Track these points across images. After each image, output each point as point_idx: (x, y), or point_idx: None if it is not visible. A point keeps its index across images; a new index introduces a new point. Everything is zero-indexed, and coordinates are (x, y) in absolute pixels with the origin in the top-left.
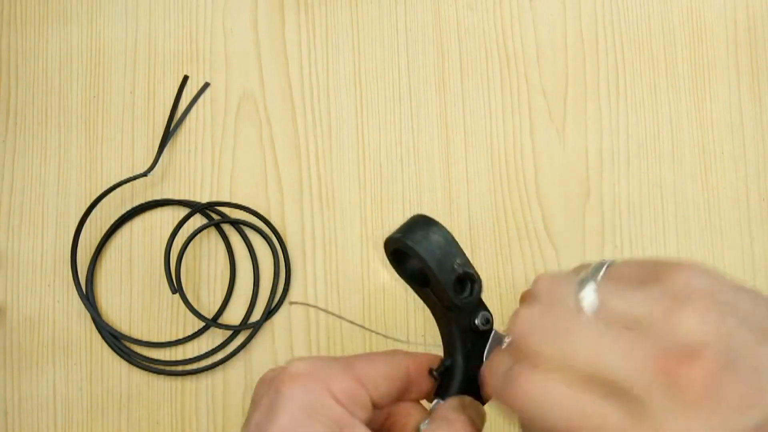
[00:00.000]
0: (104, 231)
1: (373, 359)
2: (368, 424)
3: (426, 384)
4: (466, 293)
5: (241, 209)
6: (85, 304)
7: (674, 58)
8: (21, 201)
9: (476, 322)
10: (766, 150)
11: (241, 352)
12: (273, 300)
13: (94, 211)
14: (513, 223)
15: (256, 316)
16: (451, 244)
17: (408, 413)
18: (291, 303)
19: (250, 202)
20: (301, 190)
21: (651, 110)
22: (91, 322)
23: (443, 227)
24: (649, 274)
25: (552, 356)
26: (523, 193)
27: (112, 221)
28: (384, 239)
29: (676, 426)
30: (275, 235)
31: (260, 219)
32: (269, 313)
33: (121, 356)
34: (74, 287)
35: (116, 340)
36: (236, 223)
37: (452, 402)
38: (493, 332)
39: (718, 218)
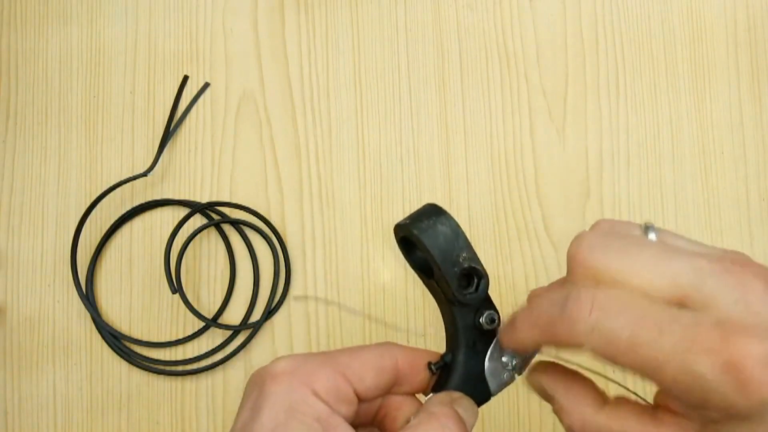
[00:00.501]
0: (104, 231)
1: (358, 352)
2: (355, 416)
3: (420, 377)
4: (471, 289)
5: (241, 209)
6: (85, 304)
7: (674, 58)
8: (21, 201)
9: (481, 320)
10: (766, 150)
11: (241, 352)
12: (273, 300)
13: (94, 211)
14: (513, 223)
15: (256, 316)
16: (458, 236)
17: (400, 407)
18: (295, 297)
19: (250, 202)
20: (301, 190)
21: (651, 110)
22: (91, 322)
23: (452, 218)
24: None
25: (618, 272)
26: (523, 193)
27: (112, 221)
28: (394, 225)
29: (745, 314)
30: (275, 235)
31: (260, 219)
32: (269, 313)
33: (121, 356)
34: (74, 287)
35: (116, 340)
36: (236, 223)
37: (440, 396)
38: (498, 333)
39: (718, 218)
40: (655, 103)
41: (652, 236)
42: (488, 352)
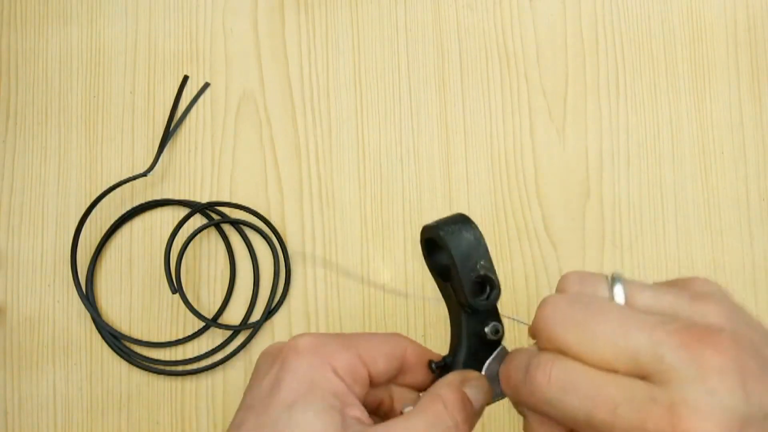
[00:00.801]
0: (104, 231)
1: (374, 337)
2: (363, 400)
3: (421, 374)
4: (483, 297)
5: (241, 209)
6: (85, 304)
7: (674, 58)
8: (21, 201)
9: (486, 329)
10: (766, 150)
11: (241, 352)
12: (273, 300)
13: (94, 211)
14: (513, 223)
15: (256, 316)
16: (480, 245)
17: (400, 398)
18: (293, 255)
19: (250, 202)
20: (301, 190)
21: (651, 110)
22: (91, 322)
23: (477, 229)
24: (666, 283)
25: (578, 341)
26: (523, 193)
27: (112, 221)
28: (421, 227)
29: (699, 394)
30: (275, 235)
31: (260, 219)
32: (269, 313)
33: (121, 356)
34: (74, 287)
35: (116, 340)
36: (236, 223)
37: (450, 377)
38: (500, 347)
39: (718, 218)
40: (655, 103)
41: (618, 295)
42: (487, 362)
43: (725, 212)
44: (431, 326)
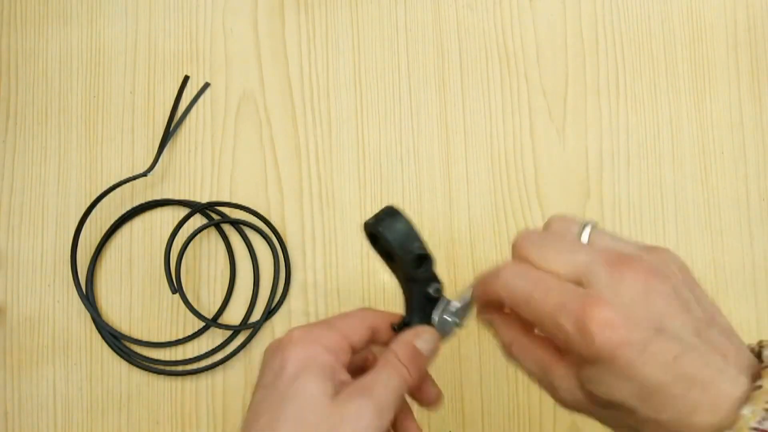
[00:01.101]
0: (104, 231)
1: (347, 316)
2: (350, 363)
3: (387, 334)
4: (422, 269)
5: (241, 209)
6: (85, 304)
7: (674, 58)
8: (21, 201)
9: (429, 290)
10: (766, 150)
11: (241, 352)
12: (273, 300)
13: (94, 211)
14: (513, 223)
15: (256, 316)
16: (411, 231)
17: (381, 354)
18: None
19: (250, 202)
20: (301, 190)
21: (651, 110)
22: (91, 322)
23: (406, 218)
24: (634, 242)
25: (537, 255)
26: (523, 193)
27: (112, 221)
28: (362, 223)
29: (609, 292)
30: (275, 235)
31: (260, 219)
32: (269, 313)
33: (121, 356)
34: (74, 287)
35: (116, 340)
36: (236, 223)
37: (404, 334)
38: (441, 298)
39: (718, 218)
40: (655, 103)
41: (585, 235)
42: (435, 314)
43: (725, 212)
44: None
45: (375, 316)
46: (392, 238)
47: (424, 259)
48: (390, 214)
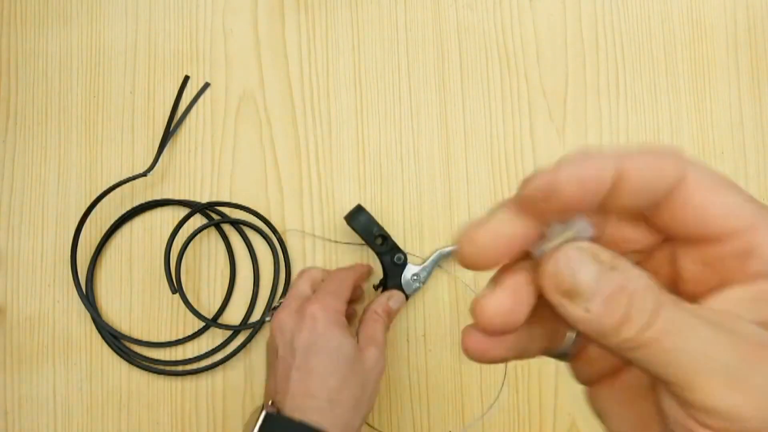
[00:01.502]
0: (104, 231)
1: (336, 281)
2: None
3: (361, 290)
4: (383, 245)
5: (241, 209)
6: (85, 304)
7: (674, 58)
8: (21, 201)
9: (394, 259)
10: (766, 150)
11: (241, 352)
12: (273, 300)
13: (94, 211)
14: None
15: (256, 316)
16: (372, 221)
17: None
18: (289, 231)
19: (250, 202)
20: (301, 190)
21: (651, 110)
22: (91, 322)
23: (368, 212)
24: None
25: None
26: None
27: (112, 221)
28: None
29: None
30: (275, 235)
31: (260, 219)
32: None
33: (121, 356)
34: (74, 287)
35: (116, 340)
36: (236, 223)
37: (381, 296)
38: (407, 265)
39: None
40: (655, 103)
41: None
42: (402, 275)
43: None
44: (430, 326)
45: (354, 274)
46: (359, 227)
47: (384, 238)
48: (357, 210)
